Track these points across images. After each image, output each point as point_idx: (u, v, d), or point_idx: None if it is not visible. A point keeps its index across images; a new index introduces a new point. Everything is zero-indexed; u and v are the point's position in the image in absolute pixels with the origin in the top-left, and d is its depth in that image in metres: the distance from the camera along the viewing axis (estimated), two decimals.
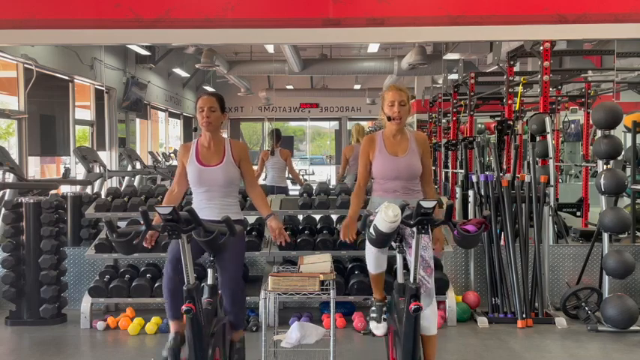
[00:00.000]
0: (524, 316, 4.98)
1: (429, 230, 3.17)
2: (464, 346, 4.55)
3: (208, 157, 3.67)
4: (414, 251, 3.10)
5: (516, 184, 5.42)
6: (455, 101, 11.08)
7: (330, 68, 16.05)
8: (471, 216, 5.80)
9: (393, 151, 3.70)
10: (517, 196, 5.36)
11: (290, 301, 5.38)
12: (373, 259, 3.65)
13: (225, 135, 3.84)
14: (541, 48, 6.43)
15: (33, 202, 5.19)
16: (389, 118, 3.66)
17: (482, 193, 5.52)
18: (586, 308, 5.05)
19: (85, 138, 13.29)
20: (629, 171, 6.78)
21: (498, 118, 9.23)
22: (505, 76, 8.07)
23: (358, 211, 3.72)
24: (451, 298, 5.05)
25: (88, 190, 8.15)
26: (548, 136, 5.94)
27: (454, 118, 11.16)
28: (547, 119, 5.98)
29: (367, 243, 3.56)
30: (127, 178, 10.16)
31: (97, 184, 9.07)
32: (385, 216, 3.05)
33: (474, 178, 5.71)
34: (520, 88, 7.70)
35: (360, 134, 7.83)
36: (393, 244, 3.39)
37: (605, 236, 5.12)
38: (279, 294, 3.71)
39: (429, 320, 3.45)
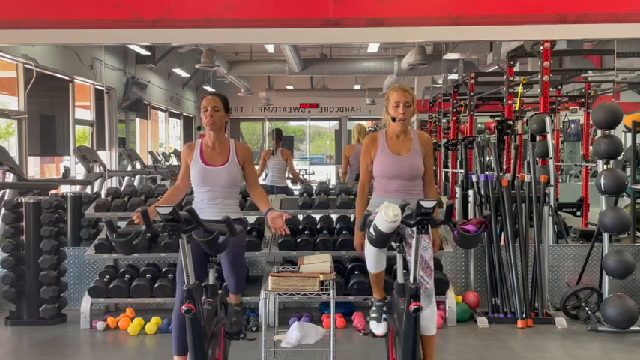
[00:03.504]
0: (524, 316, 4.98)
1: (429, 230, 3.17)
2: (464, 346, 4.55)
3: (213, 158, 3.67)
4: (414, 251, 3.10)
5: (516, 184, 5.42)
6: (455, 101, 11.09)
7: (330, 68, 16.05)
8: (471, 216, 5.80)
9: (396, 150, 3.67)
10: (517, 196, 5.36)
11: (290, 301, 5.38)
12: (373, 258, 3.64)
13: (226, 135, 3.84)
14: (541, 48, 6.43)
15: (33, 202, 5.19)
16: (393, 119, 3.65)
17: (483, 193, 5.52)
18: (586, 308, 5.05)
19: (85, 138, 13.29)
20: (629, 171, 6.78)
21: (498, 118, 9.23)
22: (505, 76, 8.07)
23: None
24: (451, 298, 5.06)
25: (88, 190, 8.15)
26: (548, 136, 5.94)
27: (454, 118, 11.16)
28: (547, 119, 5.98)
29: (367, 242, 3.57)
30: (126, 178, 10.16)
31: (97, 184, 9.07)
32: (385, 216, 3.05)
33: (474, 178, 5.70)
34: (520, 88, 7.70)
35: (361, 134, 7.80)
36: (393, 244, 3.38)
37: (605, 236, 5.12)
38: (279, 294, 3.71)
39: (429, 320, 3.47)
